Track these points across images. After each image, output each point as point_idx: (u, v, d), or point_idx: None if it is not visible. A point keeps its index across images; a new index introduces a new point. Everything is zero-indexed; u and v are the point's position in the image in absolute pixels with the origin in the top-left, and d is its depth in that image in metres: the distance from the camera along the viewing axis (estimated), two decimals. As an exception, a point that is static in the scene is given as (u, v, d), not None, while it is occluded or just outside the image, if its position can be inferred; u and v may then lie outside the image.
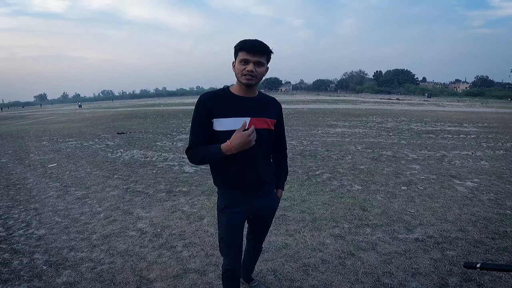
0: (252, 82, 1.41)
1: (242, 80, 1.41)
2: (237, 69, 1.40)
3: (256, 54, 1.36)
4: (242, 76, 1.40)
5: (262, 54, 1.38)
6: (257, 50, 1.36)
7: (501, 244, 2.64)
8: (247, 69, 1.37)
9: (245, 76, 1.39)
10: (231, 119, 1.43)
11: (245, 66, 1.38)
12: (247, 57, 1.36)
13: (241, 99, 1.46)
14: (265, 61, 1.41)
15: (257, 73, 1.39)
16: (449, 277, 2.19)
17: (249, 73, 1.37)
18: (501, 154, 6.46)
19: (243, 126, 1.37)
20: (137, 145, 8.14)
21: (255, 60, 1.37)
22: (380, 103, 33.38)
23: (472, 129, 10.96)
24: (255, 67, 1.37)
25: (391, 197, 3.85)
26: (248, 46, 1.36)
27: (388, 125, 12.07)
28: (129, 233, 2.99)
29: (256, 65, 1.37)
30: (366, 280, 2.18)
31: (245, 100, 1.46)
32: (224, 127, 1.43)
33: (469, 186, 4.26)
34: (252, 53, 1.36)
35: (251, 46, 1.36)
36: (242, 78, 1.40)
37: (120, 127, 12.86)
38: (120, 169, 5.53)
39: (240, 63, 1.39)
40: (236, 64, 1.41)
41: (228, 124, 1.43)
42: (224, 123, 1.43)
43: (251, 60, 1.36)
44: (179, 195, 4.07)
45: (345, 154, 6.50)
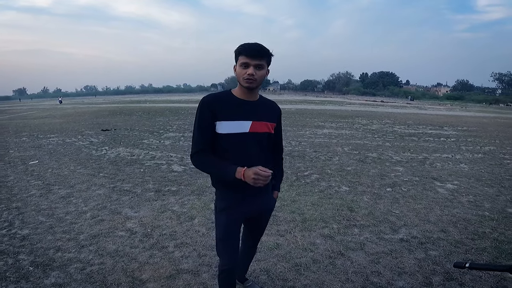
0: (253, 86, 1.43)
1: (243, 84, 1.43)
2: (238, 73, 1.42)
3: (256, 58, 1.38)
4: (243, 80, 1.42)
5: (262, 57, 1.40)
6: (256, 54, 1.38)
7: (480, 244, 2.78)
8: (247, 72, 1.39)
9: (246, 80, 1.41)
10: (234, 122, 1.45)
11: (246, 69, 1.40)
12: (247, 61, 1.38)
13: (243, 103, 1.48)
14: (265, 63, 1.43)
15: (257, 77, 1.40)
16: (433, 276, 2.29)
17: (249, 76, 1.39)
18: (479, 158, 6.76)
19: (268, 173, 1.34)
20: (122, 142, 7.98)
21: (255, 63, 1.38)
22: (366, 105, 34.09)
23: (452, 132, 11.39)
24: (255, 70, 1.39)
25: (377, 198, 3.96)
26: (248, 50, 1.38)
27: (373, 127, 12.36)
28: (118, 233, 2.95)
29: (256, 68, 1.39)
30: (356, 279, 2.25)
31: (247, 104, 1.48)
32: (226, 130, 1.45)
33: (450, 188, 4.44)
34: (251, 56, 1.38)
35: (251, 49, 1.38)
36: (243, 82, 1.42)
37: (104, 123, 12.54)
38: (106, 167, 5.41)
39: (240, 66, 1.41)
40: (237, 68, 1.43)
41: (230, 127, 1.45)
42: (227, 126, 1.45)
43: (251, 63, 1.38)
44: (168, 194, 4.04)
45: (333, 155, 6.62)
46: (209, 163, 1.48)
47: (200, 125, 1.47)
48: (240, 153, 1.48)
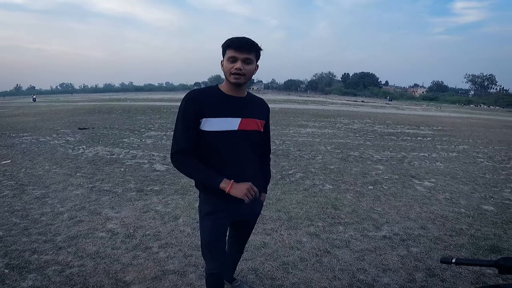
0: (241, 81, 1.35)
1: (230, 79, 1.35)
2: (225, 68, 1.35)
3: (244, 51, 1.31)
4: (230, 75, 1.34)
5: (250, 51, 1.33)
6: (244, 47, 1.31)
7: (458, 241, 2.88)
8: (235, 67, 1.31)
9: (234, 75, 1.33)
10: (222, 119, 1.37)
11: (233, 64, 1.32)
12: (234, 55, 1.31)
13: (231, 99, 1.40)
14: (254, 58, 1.36)
15: (245, 71, 1.33)
16: (415, 273, 2.34)
17: (237, 71, 1.32)
18: (454, 156, 7.06)
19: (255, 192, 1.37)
20: (101, 141, 7.71)
21: (243, 57, 1.31)
22: (347, 104, 34.87)
23: (428, 132, 11.85)
24: (243, 64, 1.32)
25: (360, 196, 4.05)
26: (236, 43, 1.31)
27: (354, 126, 12.64)
28: (98, 234, 2.83)
29: (244, 62, 1.32)
30: (342, 277, 2.27)
31: (235, 100, 1.41)
32: (213, 127, 1.36)
33: (427, 186, 4.60)
34: (239, 50, 1.31)
35: (239, 43, 1.31)
36: (230, 77, 1.35)
37: (81, 122, 12.06)
38: (84, 167, 5.21)
39: (228, 61, 1.33)
40: (225, 63, 1.35)
41: (217, 124, 1.37)
42: (214, 123, 1.36)
43: (239, 57, 1.31)
44: (151, 194, 3.93)
45: (316, 154, 6.70)
46: (191, 166, 1.39)
47: (184, 122, 1.36)
48: (228, 152, 1.40)
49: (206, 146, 1.39)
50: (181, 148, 1.38)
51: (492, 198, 4.13)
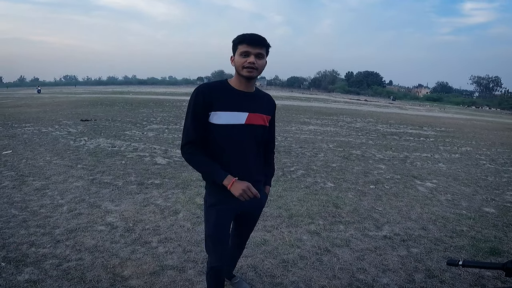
0: (254, 75, 1.40)
1: (243, 73, 1.39)
2: (238, 62, 1.39)
3: (257, 46, 1.37)
4: (243, 69, 1.38)
5: (262, 46, 1.39)
6: (257, 42, 1.37)
7: (459, 242, 2.86)
8: (248, 61, 1.36)
9: (247, 68, 1.38)
10: (229, 113, 1.42)
11: (246, 58, 1.37)
12: (248, 49, 1.36)
13: (239, 93, 1.45)
14: (265, 53, 1.42)
15: (258, 65, 1.39)
16: (415, 274, 2.33)
17: (250, 65, 1.37)
18: (456, 158, 7.01)
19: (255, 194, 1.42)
20: (103, 133, 7.70)
21: (256, 52, 1.37)
22: (350, 103, 34.72)
23: (431, 132, 11.78)
24: (256, 59, 1.37)
25: (361, 195, 4.02)
26: (249, 39, 1.37)
27: (357, 125, 12.58)
28: (98, 227, 2.82)
29: (256, 57, 1.38)
30: (342, 276, 2.26)
31: (244, 95, 1.45)
32: (221, 120, 1.41)
33: (429, 187, 4.57)
34: (252, 45, 1.36)
35: (252, 38, 1.37)
36: (243, 71, 1.39)
37: (83, 113, 12.06)
38: (85, 159, 5.20)
39: (240, 56, 1.38)
40: (236, 57, 1.40)
41: (225, 118, 1.41)
42: (222, 116, 1.41)
43: (252, 52, 1.36)
44: (152, 187, 3.92)
45: (318, 151, 6.67)
46: (199, 159, 1.44)
47: (194, 114, 1.42)
48: (234, 145, 1.45)
49: (213, 138, 1.44)
50: (190, 139, 1.43)
51: (493, 201, 4.10)
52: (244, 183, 1.40)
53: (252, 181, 1.54)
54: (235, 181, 1.40)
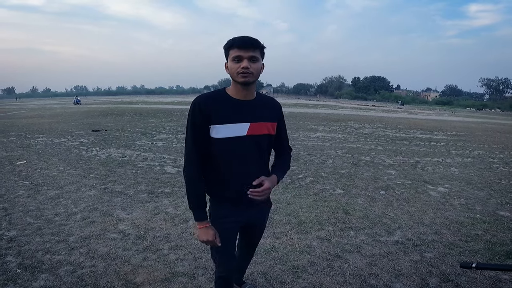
0: (250, 80, 1.30)
1: (238, 80, 1.30)
2: (231, 69, 1.30)
3: (249, 49, 1.27)
4: (237, 75, 1.29)
5: (254, 49, 1.28)
6: (248, 45, 1.27)
7: (474, 246, 2.81)
8: (241, 66, 1.27)
9: (241, 74, 1.28)
10: (230, 125, 1.34)
11: (239, 63, 1.27)
12: (239, 54, 1.27)
13: (238, 103, 1.35)
14: (259, 56, 1.31)
15: (253, 70, 1.28)
16: (429, 278, 2.29)
17: (244, 70, 1.27)
18: (469, 162, 6.88)
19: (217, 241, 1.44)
20: (114, 143, 7.85)
21: (248, 55, 1.27)
22: (357, 109, 34.50)
23: (442, 137, 11.59)
24: (250, 63, 1.27)
25: (371, 201, 3.98)
26: (239, 42, 1.27)
27: (365, 131, 12.49)
28: (110, 235, 2.87)
29: (250, 61, 1.27)
30: (353, 282, 2.23)
31: (243, 104, 1.36)
32: (221, 134, 1.34)
33: (441, 191, 4.49)
34: (244, 48, 1.26)
35: (242, 41, 1.27)
36: (238, 77, 1.29)
37: (94, 124, 12.32)
38: (96, 168, 5.30)
39: (233, 61, 1.29)
40: (230, 63, 1.30)
41: (226, 131, 1.34)
42: (222, 130, 1.33)
43: (244, 56, 1.26)
44: (162, 196, 3.97)
45: (326, 158, 6.64)
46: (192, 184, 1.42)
47: (192, 130, 1.36)
48: (236, 158, 1.38)
49: (214, 152, 1.37)
50: (190, 160, 1.39)
51: (508, 204, 4.00)
52: (211, 233, 1.41)
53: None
54: (207, 226, 1.42)
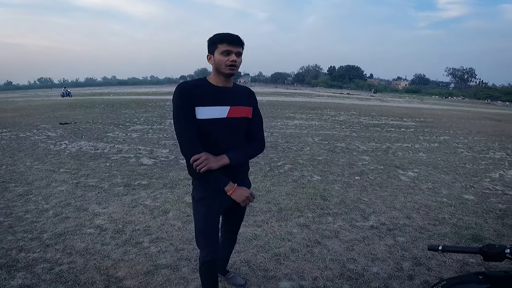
0: (235, 72, 1.48)
1: (225, 71, 1.45)
2: (219, 61, 1.44)
3: (237, 45, 1.44)
4: (226, 67, 1.44)
5: (241, 45, 1.46)
6: (238, 42, 1.44)
7: (442, 230, 2.96)
8: (230, 59, 1.42)
9: (229, 66, 1.44)
10: (212, 107, 1.47)
11: (228, 57, 1.43)
12: (229, 48, 1.42)
13: (219, 89, 1.50)
14: (242, 51, 1.49)
15: (238, 63, 1.46)
16: (403, 262, 2.40)
17: (233, 63, 1.43)
18: (435, 147, 7.29)
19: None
20: (84, 136, 7.51)
21: (236, 51, 1.43)
22: (333, 97, 35.25)
23: (411, 123, 12.16)
24: (237, 57, 1.44)
25: (347, 186, 4.13)
26: (230, 39, 1.43)
27: (340, 118, 12.82)
28: (86, 230, 2.78)
29: (236, 55, 1.44)
30: (333, 267, 2.32)
31: (224, 90, 1.51)
32: (204, 115, 1.45)
33: (411, 176, 4.74)
34: (234, 44, 1.43)
35: (232, 38, 1.43)
36: (225, 69, 1.44)
37: (62, 117, 11.65)
38: (67, 162, 5.07)
39: (221, 54, 1.43)
40: (217, 56, 1.44)
41: (208, 112, 1.46)
42: (204, 111, 1.45)
43: (233, 51, 1.43)
44: (139, 188, 3.88)
45: (304, 145, 6.77)
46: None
47: (180, 113, 1.45)
48: (217, 140, 1.49)
49: (199, 133, 1.46)
50: (188, 139, 1.44)
51: (472, 188, 4.27)
52: (246, 190, 1.50)
53: (239, 173, 1.59)
54: (237, 187, 1.48)
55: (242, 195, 1.48)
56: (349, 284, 2.12)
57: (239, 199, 1.48)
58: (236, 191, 1.48)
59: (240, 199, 1.48)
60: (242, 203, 1.50)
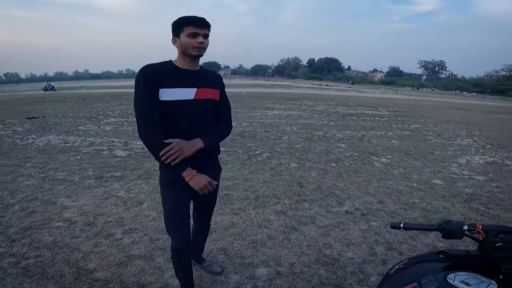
0: (202, 54, 1.46)
1: (193, 53, 1.42)
2: (186, 43, 1.41)
3: (204, 28, 1.43)
4: (193, 48, 1.42)
5: (207, 28, 1.45)
6: (204, 24, 1.43)
7: (412, 214, 3.05)
8: (198, 41, 1.41)
9: (197, 48, 1.42)
10: (178, 89, 1.44)
11: (195, 39, 1.41)
12: (196, 30, 1.40)
13: (185, 71, 1.47)
14: (209, 34, 1.47)
15: (205, 45, 1.44)
16: (376, 246, 2.45)
17: (200, 45, 1.41)
18: (407, 134, 7.58)
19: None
20: (53, 130, 7.14)
21: (203, 33, 1.42)
22: (312, 88, 35.61)
23: (385, 112, 12.55)
24: (204, 39, 1.43)
25: (323, 173, 4.20)
26: (197, 21, 1.41)
27: (319, 108, 13.02)
28: (54, 224, 2.67)
29: (204, 37, 1.43)
30: (310, 252, 2.34)
31: (190, 73, 1.48)
32: (169, 97, 1.42)
33: (384, 162, 4.90)
34: (200, 26, 1.41)
35: (199, 20, 1.41)
36: (193, 51, 1.42)
37: (30, 111, 10.98)
38: (34, 157, 4.81)
39: (188, 37, 1.41)
40: (184, 38, 1.41)
41: (174, 94, 1.43)
42: (170, 93, 1.42)
43: (200, 33, 1.41)
44: (112, 180, 3.75)
45: (282, 134, 6.83)
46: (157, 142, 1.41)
47: (146, 92, 1.40)
48: (185, 120, 1.46)
49: (164, 116, 1.43)
50: (147, 119, 1.41)
51: (440, 173, 4.45)
52: (204, 177, 1.46)
53: (208, 156, 1.55)
54: (195, 174, 1.44)
55: (200, 182, 1.44)
56: (325, 270, 2.14)
57: (197, 186, 1.44)
58: (194, 178, 1.44)
59: (198, 187, 1.45)
60: (200, 191, 1.46)
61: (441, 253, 0.97)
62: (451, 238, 0.95)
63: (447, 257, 0.95)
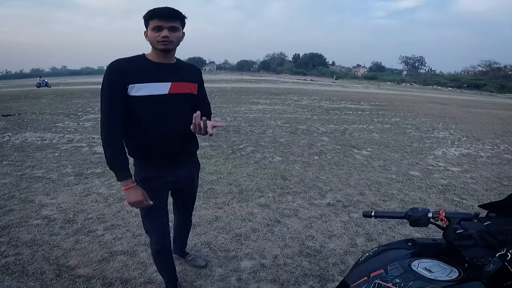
0: (170, 47, 1.36)
1: (158, 47, 1.34)
2: (152, 37, 1.34)
3: (169, 20, 1.32)
4: (157, 43, 1.34)
5: (175, 19, 1.34)
6: (170, 16, 1.32)
7: (391, 205, 3.14)
8: (161, 35, 1.32)
9: (161, 42, 1.33)
10: (150, 84, 1.35)
11: (159, 33, 1.32)
12: (159, 24, 1.31)
13: (159, 65, 1.39)
14: (180, 26, 1.37)
15: (173, 38, 1.34)
16: (357, 238, 2.51)
17: (164, 39, 1.32)
18: (387, 128, 7.79)
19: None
20: (30, 127, 6.88)
21: (169, 25, 1.32)
22: (297, 83, 35.80)
23: (367, 106, 12.82)
24: (170, 32, 1.33)
25: (306, 166, 4.27)
26: (159, 13, 1.31)
27: (303, 102, 13.15)
28: (33, 222, 2.61)
29: (171, 30, 1.33)
30: (293, 245, 2.38)
31: (164, 66, 1.40)
32: (141, 92, 1.34)
33: (365, 155, 5.02)
34: (165, 19, 1.31)
35: (163, 13, 1.32)
36: (158, 45, 1.34)
37: (4, 108, 10.49)
38: (10, 155, 4.64)
39: (153, 31, 1.33)
40: (149, 32, 1.34)
41: (146, 89, 1.35)
42: (142, 88, 1.34)
43: (164, 26, 1.32)
44: (92, 177, 3.68)
45: (266, 128, 6.87)
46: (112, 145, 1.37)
47: (110, 91, 1.32)
48: (159, 117, 1.39)
49: (134, 113, 1.36)
50: (109, 118, 1.34)
51: (418, 165, 4.60)
52: (140, 193, 1.38)
53: (184, 151, 1.52)
54: (133, 187, 1.37)
55: (134, 197, 1.37)
56: (308, 261, 2.18)
57: (129, 200, 1.38)
58: (129, 191, 1.37)
59: (130, 200, 1.38)
60: (132, 205, 1.40)
61: (409, 241, 0.99)
62: (418, 226, 0.97)
63: (415, 245, 0.97)
